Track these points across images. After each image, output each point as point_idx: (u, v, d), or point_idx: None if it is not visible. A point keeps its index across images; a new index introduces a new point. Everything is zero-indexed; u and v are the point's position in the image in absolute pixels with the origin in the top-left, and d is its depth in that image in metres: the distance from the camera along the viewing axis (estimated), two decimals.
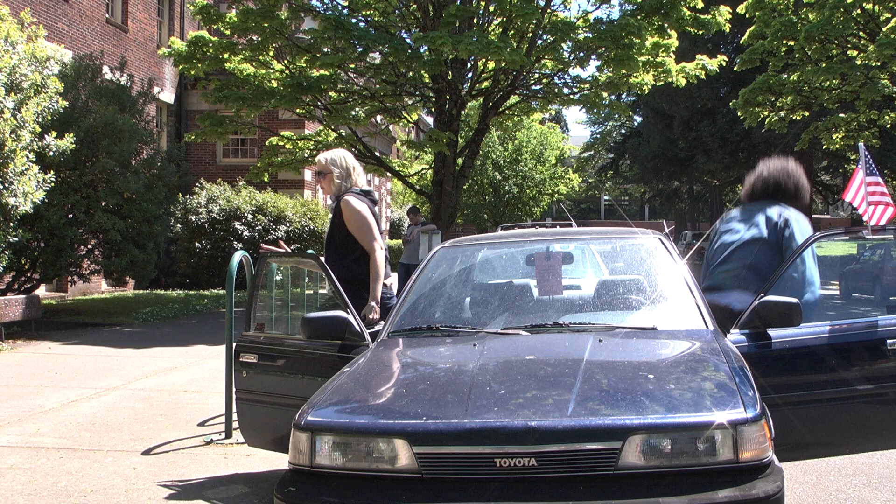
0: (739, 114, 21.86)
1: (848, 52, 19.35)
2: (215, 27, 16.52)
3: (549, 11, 16.12)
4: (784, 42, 19.42)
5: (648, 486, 2.72)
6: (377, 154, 18.68)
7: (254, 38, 16.04)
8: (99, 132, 12.73)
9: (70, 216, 12.54)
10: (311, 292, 7.40)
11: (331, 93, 16.28)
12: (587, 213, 66.40)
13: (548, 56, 16.36)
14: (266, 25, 15.30)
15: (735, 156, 35.28)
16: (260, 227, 18.87)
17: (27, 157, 10.05)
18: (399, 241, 31.08)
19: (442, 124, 16.43)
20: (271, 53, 16.55)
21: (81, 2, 17.57)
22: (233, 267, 5.65)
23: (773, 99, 21.10)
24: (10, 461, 5.06)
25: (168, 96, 21.77)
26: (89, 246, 13.46)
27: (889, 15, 18.19)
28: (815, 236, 4.12)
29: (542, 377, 3.27)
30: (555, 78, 17.28)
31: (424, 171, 20.96)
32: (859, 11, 18.26)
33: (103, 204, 12.85)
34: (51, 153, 10.69)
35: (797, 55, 19.80)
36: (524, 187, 33.79)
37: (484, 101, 17.57)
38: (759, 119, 21.56)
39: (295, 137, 18.11)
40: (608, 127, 61.30)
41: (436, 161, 17.17)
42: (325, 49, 15.91)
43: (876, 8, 18.31)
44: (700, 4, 15.75)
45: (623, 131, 54.70)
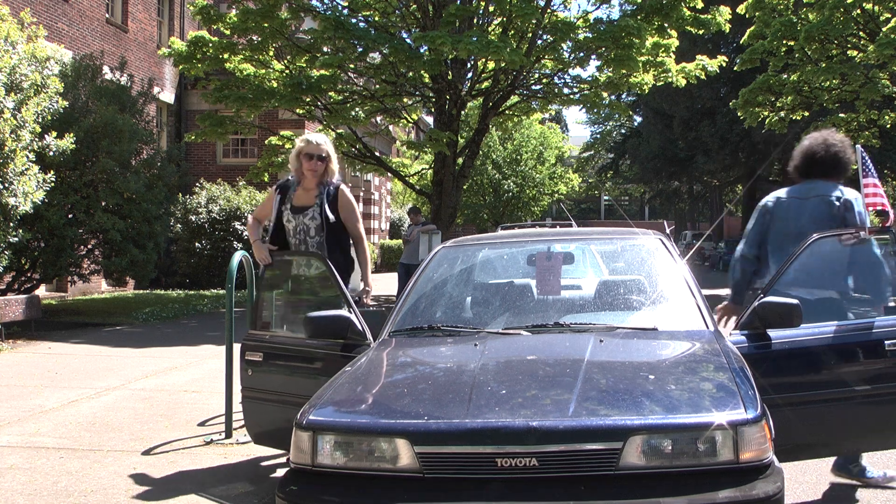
0: (739, 114, 21.85)
1: (848, 52, 19.35)
2: (215, 27, 16.53)
3: (549, 11, 16.12)
4: (784, 42, 19.42)
5: (649, 487, 2.72)
6: (377, 154, 18.70)
7: (254, 38, 16.05)
8: (99, 132, 12.73)
9: (70, 216, 12.54)
10: (317, 291, 7.45)
11: (331, 93, 16.28)
12: (587, 213, 66.43)
13: (548, 56, 16.37)
14: (266, 25, 15.31)
15: (735, 156, 35.27)
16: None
17: (27, 157, 10.05)
18: (399, 241, 31.11)
19: (442, 124, 16.44)
20: (271, 53, 16.56)
21: (81, 2, 17.57)
22: (233, 267, 5.65)
23: (773, 99, 21.09)
24: (10, 461, 5.06)
25: (168, 96, 21.77)
26: (89, 246, 13.46)
27: (889, 15, 18.18)
28: (814, 238, 4.11)
29: (543, 377, 3.27)
30: (555, 78, 17.29)
31: (424, 171, 20.96)
32: (859, 11, 18.26)
33: (103, 204, 12.85)
34: (51, 153, 10.69)
35: (797, 55, 19.79)
36: (524, 187, 33.79)
37: (484, 101, 17.58)
38: (759, 119, 21.55)
39: (295, 137, 18.09)
40: (608, 127, 61.31)
41: (436, 161, 17.18)
42: (325, 49, 15.92)
43: (876, 8, 18.31)
44: (700, 4, 15.75)
45: (623, 131, 54.70)
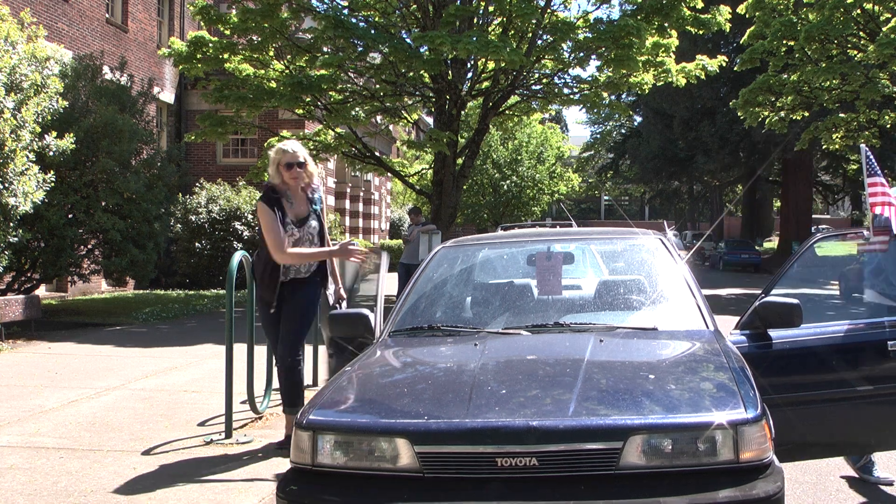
0: (739, 114, 21.87)
1: (848, 52, 19.36)
2: (215, 27, 16.53)
3: (549, 11, 16.12)
4: (784, 42, 19.43)
5: (649, 486, 2.73)
6: (377, 154, 18.69)
7: (254, 38, 16.05)
8: (99, 132, 12.72)
9: (70, 216, 12.53)
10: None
11: (331, 93, 16.28)
12: (587, 213, 66.44)
13: (548, 56, 16.36)
14: (266, 25, 15.30)
15: (735, 156, 35.28)
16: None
17: (27, 157, 10.05)
18: (399, 241, 31.11)
19: (442, 124, 16.43)
20: (271, 53, 16.55)
21: (81, 2, 17.57)
22: (233, 267, 5.65)
23: (773, 99, 21.10)
24: (10, 461, 5.06)
25: (168, 96, 21.77)
26: (89, 246, 13.45)
27: (889, 15, 18.19)
28: (816, 238, 4.13)
29: (543, 377, 3.28)
30: (555, 78, 17.28)
31: (424, 171, 20.96)
32: (859, 11, 18.27)
33: (103, 204, 12.84)
34: (51, 153, 10.69)
35: (797, 55, 19.80)
36: (524, 187, 33.79)
37: (484, 101, 17.57)
38: (759, 119, 21.56)
39: (295, 137, 18.10)
40: (608, 127, 61.31)
41: (436, 161, 17.17)
42: (325, 49, 15.92)
43: (876, 8, 18.32)
44: (700, 4, 15.75)
45: (623, 131, 54.70)
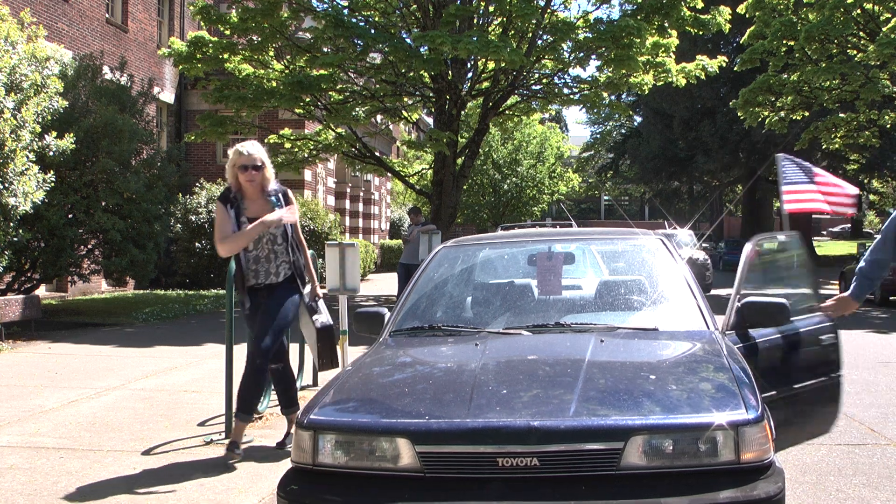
0: (739, 114, 21.88)
1: (848, 52, 19.36)
2: (215, 27, 16.53)
3: (549, 11, 16.13)
4: (784, 42, 19.44)
5: (650, 487, 2.72)
6: (377, 154, 18.69)
7: (254, 38, 16.05)
8: (99, 132, 12.72)
9: (70, 216, 12.53)
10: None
11: (331, 92, 16.28)
12: (587, 213, 66.43)
13: (548, 56, 16.37)
14: (266, 25, 15.31)
15: (735, 156, 35.28)
16: None
17: (27, 157, 10.05)
18: (399, 241, 31.11)
19: (442, 124, 16.44)
20: (271, 53, 16.55)
21: (81, 2, 17.57)
22: (232, 267, 5.64)
23: (773, 99, 21.12)
24: (10, 461, 5.06)
25: (168, 96, 21.77)
26: (89, 246, 13.45)
27: (889, 15, 18.20)
28: (756, 239, 4.35)
29: (544, 377, 3.28)
30: (555, 78, 17.29)
31: (424, 171, 20.96)
32: (859, 11, 18.28)
33: (103, 204, 12.84)
34: (51, 153, 10.69)
35: (797, 55, 19.81)
36: (524, 187, 33.80)
37: (484, 101, 17.58)
38: (759, 119, 21.57)
39: (294, 137, 18.10)
40: (608, 127, 61.30)
41: (436, 161, 17.18)
42: (326, 49, 15.92)
43: (876, 8, 18.33)
44: (700, 4, 15.77)
45: (623, 131, 54.70)
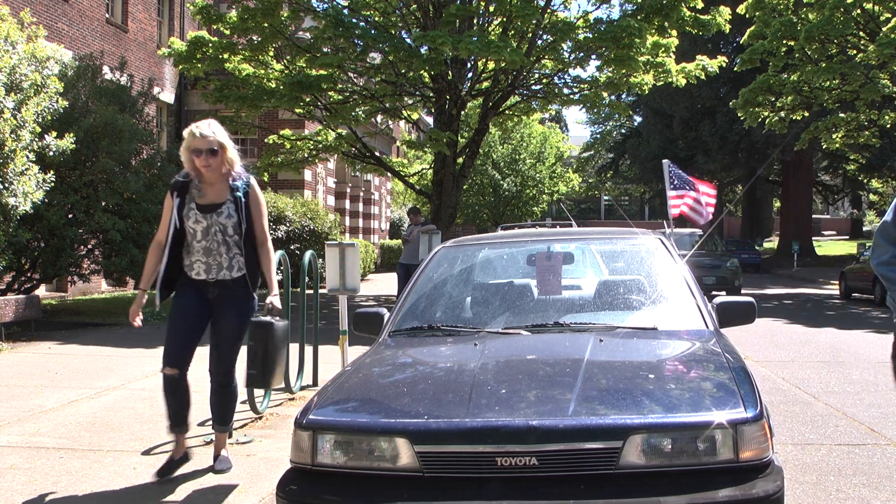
0: (739, 114, 21.88)
1: (848, 52, 19.36)
2: (215, 27, 16.53)
3: (549, 11, 16.13)
4: (784, 42, 19.44)
5: (649, 486, 2.73)
6: (377, 154, 18.69)
7: (254, 38, 16.05)
8: (99, 132, 12.72)
9: (70, 216, 12.53)
10: None
11: (331, 92, 16.28)
12: (587, 213, 66.41)
13: (548, 56, 16.37)
14: (266, 25, 15.31)
15: (735, 156, 35.29)
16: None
17: (27, 157, 10.05)
18: (399, 241, 31.11)
19: (442, 124, 16.44)
20: (271, 53, 16.55)
21: (81, 2, 17.57)
22: None
23: (773, 99, 21.11)
24: (10, 461, 5.06)
25: (168, 96, 21.77)
26: (89, 246, 13.45)
27: (889, 15, 18.20)
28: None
29: (543, 377, 3.28)
30: (555, 78, 17.29)
31: (424, 171, 20.96)
32: (859, 11, 18.28)
33: (103, 204, 12.84)
34: (51, 153, 10.69)
35: (797, 55, 19.81)
36: (524, 187, 33.81)
37: (484, 101, 17.58)
38: (759, 119, 21.57)
39: (294, 137, 18.11)
40: (608, 127, 61.27)
41: (436, 161, 17.18)
42: (325, 49, 15.92)
43: (876, 8, 18.32)
44: (700, 4, 15.76)
45: (623, 131, 54.67)
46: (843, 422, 6.16)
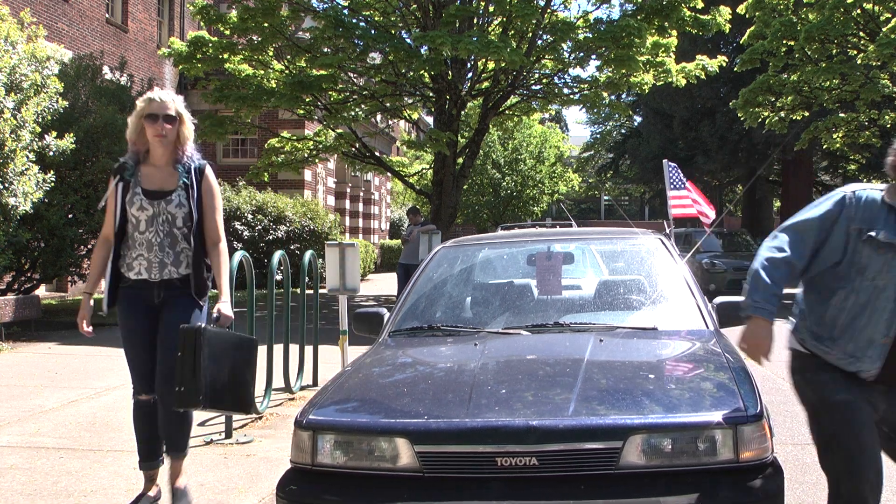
0: (739, 114, 21.86)
1: (848, 52, 19.35)
2: (215, 27, 16.53)
3: (549, 11, 16.12)
4: (784, 42, 19.42)
5: (649, 486, 2.73)
6: (377, 154, 18.69)
7: (254, 38, 16.05)
8: (99, 132, 12.72)
9: (70, 216, 12.53)
10: None
11: (331, 92, 16.29)
12: (587, 213, 66.38)
13: (548, 56, 16.37)
14: (266, 25, 15.31)
15: (735, 156, 35.26)
16: (260, 228, 18.85)
17: (27, 157, 10.05)
18: (399, 241, 31.10)
19: (442, 124, 16.43)
20: (271, 53, 16.55)
21: (81, 2, 17.57)
22: (233, 267, 5.64)
23: (773, 99, 21.10)
24: (10, 461, 5.06)
25: None
26: (89, 246, 13.45)
27: (889, 15, 18.19)
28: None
29: (543, 377, 3.28)
30: (555, 78, 17.29)
31: (424, 171, 20.96)
32: (859, 11, 18.26)
33: None
34: (51, 153, 10.69)
35: (797, 55, 19.80)
36: (524, 187, 33.81)
37: (484, 101, 17.57)
38: (759, 119, 21.55)
39: (294, 138, 18.12)
40: (608, 127, 61.24)
41: (436, 161, 17.17)
42: (325, 49, 15.93)
43: (876, 8, 18.31)
44: (700, 5, 15.75)
45: (623, 131, 54.63)
46: None
